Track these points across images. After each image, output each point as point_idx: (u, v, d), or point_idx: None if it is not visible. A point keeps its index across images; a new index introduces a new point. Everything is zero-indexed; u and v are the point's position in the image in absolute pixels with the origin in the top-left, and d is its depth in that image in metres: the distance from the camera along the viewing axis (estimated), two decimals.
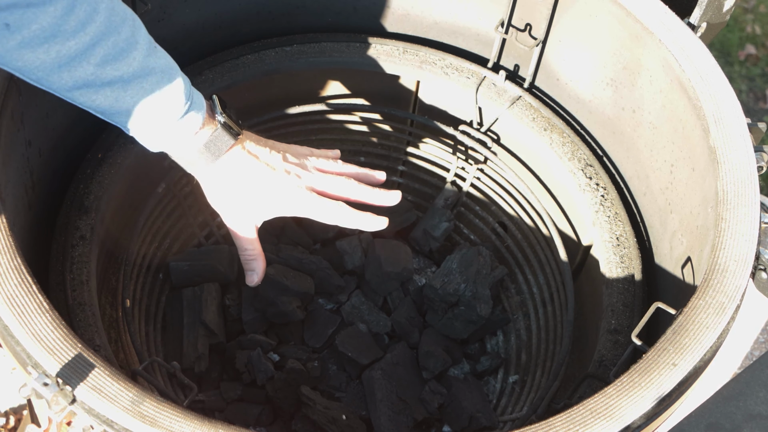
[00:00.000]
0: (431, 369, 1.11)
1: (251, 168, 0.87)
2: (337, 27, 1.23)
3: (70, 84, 0.74)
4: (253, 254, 0.94)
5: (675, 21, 0.98)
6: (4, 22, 0.68)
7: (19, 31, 0.69)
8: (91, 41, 0.72)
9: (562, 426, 0.68)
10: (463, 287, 1.12)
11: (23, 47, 0.70)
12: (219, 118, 0.84)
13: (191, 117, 0.81)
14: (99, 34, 0.73)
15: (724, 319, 0.75)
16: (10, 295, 0.71)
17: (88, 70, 0.73)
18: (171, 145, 0.83)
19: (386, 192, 0.95)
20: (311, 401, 1.05)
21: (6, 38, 0.69)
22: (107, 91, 0.75)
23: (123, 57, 0.75)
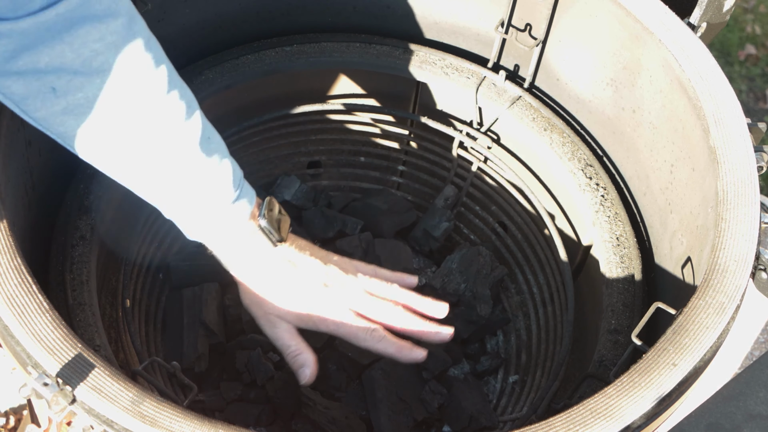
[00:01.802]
0: (431, 369, 1.11)
1: (287, 277, 0.84)
2: (337, 27, 1.23)
3: (107, 160, 0.73)
4: (296, 350, 0.89)
5: (675, 21, 0.98)
6: (51, 85, 0.68)
7: (64, 97, 0.69)
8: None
9: (562, 426, 0.68)
10: (463, 287, 1.12)
11: (66, 113, 0.70)
12: (261, 221, 0.81)
13: (237, 206, 0.78)
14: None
15: (724, 319, 0.75)
16: (10, 295, 0.71)
17: (131, 151, 0.73)
18: (209, 234, 0.80)
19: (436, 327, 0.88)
20: (311, 401, 1.05)
21: (51, 102, 0.69)
22: (149, 173, 0.74)
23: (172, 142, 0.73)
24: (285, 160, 1.27)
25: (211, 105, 1.14)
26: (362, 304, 0.87)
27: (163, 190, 0.75)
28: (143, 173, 0.74)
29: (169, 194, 0.75)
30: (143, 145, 0.72)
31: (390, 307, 0.88)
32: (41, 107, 0.69)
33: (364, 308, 0.87)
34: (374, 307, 0.87)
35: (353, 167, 1.31)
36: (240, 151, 1.21)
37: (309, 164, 1.30)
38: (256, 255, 0.82)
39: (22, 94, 0.69)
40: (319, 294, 0.85)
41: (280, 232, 0.83)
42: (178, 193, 0.75)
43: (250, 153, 1.23)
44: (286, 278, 0.84)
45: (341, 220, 1.24)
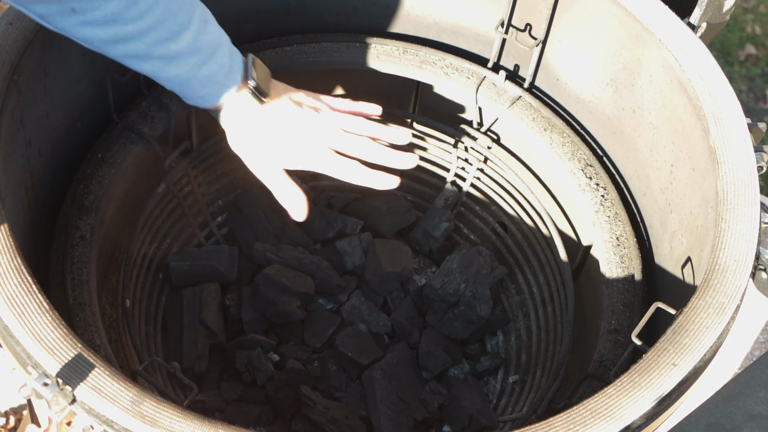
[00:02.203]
0: (431, 369, 1.11)
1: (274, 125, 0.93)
2: (337, 27, 1.23)
3: (121, 53, 0.81)
4: (288, 189, 0.96)
5: (675, 21, 0.99)
6: (71, 7, 0.75)
7: (83, 14, 0.76)
8: (147, 27, 0.79)
9: (562, 426, 0.68)
10: (463, 287, 1.12)
11: (84, 25, 0.77)
12: (250, 83, 0.90)
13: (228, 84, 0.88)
14: (156, 21, 0.80)
15: (724, 319, 0.75)
16: (10, 295, 0.71)
17: (140, 47, 0.81)
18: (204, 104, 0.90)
19: (402, 155, 0.98)
20: (311, 401, 1.05)
21: (70, 18, 0.76)
22: (155, 62, 0.83)
23: (174, 38, 0.82)
24: None
25: None
26: (339, 142, 0.96)
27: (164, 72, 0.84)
28: (149, 62, 0.83)
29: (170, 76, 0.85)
30: (151, 44, 0.81)
31: (363, 142, 0.97)
32: (61, 21, 0.77)
33: (340, 145, 0.96)
34: (349, 143, 0.96)
35: None
36: None
37: None
38: (245, 111, 0.92)
39: (44, 12, 0.76)
40: (300, 136, 0.94)
41: (267, 90, 0.93)
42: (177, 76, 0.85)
43: None
44: (272, 126, 0.93)
45: (341, 220, 1.24)
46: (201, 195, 1.20)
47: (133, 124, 1.07)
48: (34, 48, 0.90)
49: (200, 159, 1.16)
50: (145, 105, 1.09)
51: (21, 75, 0.88)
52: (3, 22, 0.90)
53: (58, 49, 0.95)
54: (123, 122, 1.07)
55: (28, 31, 0.90)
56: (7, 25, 0.89)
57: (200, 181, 1.20)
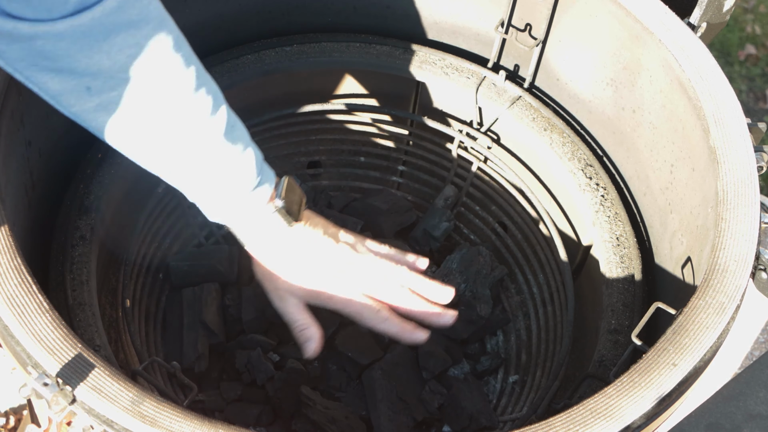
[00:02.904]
0: (431, 369, 1.11)
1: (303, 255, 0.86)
2: (337, 27, 1.23)
3: (139, 151, 0.76)
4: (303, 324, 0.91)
5: (675, 21, 0.99)
6: (86, 85, 0.70)
7: (98, 95, 0.71)
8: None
9: (562, 426, 0.68)
10: (463, 287, 1.12)
11: (100, 110, 0.72)
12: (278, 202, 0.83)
13: (258, 192, 0.81)
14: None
15: (724, 319, 0.75)
16: (10, 295, 0.71)
17: (161, 143, 0.75)
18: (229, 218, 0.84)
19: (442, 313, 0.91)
20: (311, 401, 1.05)
21: (86, 100, 0.71)
22: (177, 163, 0.77)
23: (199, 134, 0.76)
24: (285, 160, 1.27)
25: None
26: (370, 285, 0.89)
27: (188, 177, 0.78)
28: (171, 162, 0.77)
29: (195, 181, 0.79)
30: (172, 138, 0.75)
31: (396, 290, 0.90)
32: (76, 104, 0.72)
33: (371, 289, 0.89)
34: (381, 289, 0.89)
35: (353, 167, 1.31)
36: None
37: (309, 164, 1.30)
38: (271, 234, 0.85)
39: (58, 90, 0.71)
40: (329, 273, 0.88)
41: (297, 213, 0.85)
42: (202, 180, 0.78)
43: None
44: (299, 256, 0.86)
45: (341, 220, 1.24)
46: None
47: None
48: None
49: None
50: None
51: None
52: None
53: None
54: None
55: None
56: None
57: None
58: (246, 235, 0.86)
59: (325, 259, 0.88)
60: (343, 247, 0.89)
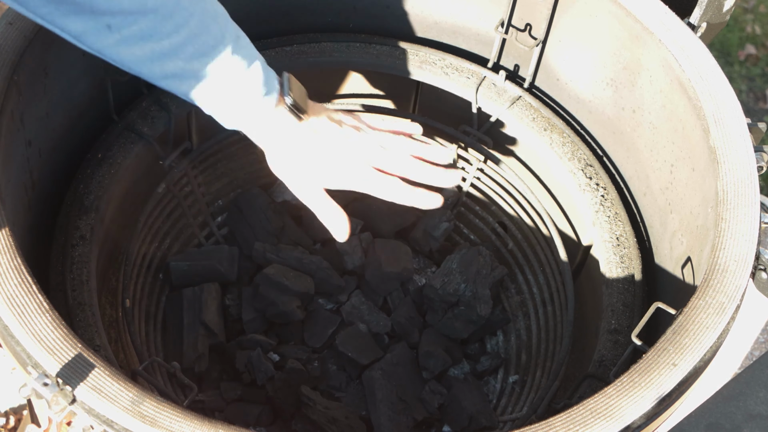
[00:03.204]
0: (431, 369, 1.11)
1: (313, 144, 0.91)
2: (337, 27, 1.23)
3: (159, 74, 0.80)
4: (330, 211, 0.95)
5: (675, 21, 0.98)
6: (106, 23, 0.74)
7: (118, 32, 0.75)
8: (183, 41, 0.78)
9: (562, 426, 0.68)
10: (463, 287, 1.12)
11: (120, 44, 0.76)
12: (287, 99, 0.88)
13: (265, 101, 0.86)
14: (191, 35, 0.79)
15: (724, 319, 0.75)
16: (10, 295, 0.71)
17: (178, 65, 0.79)
18: (245, 124, 0.88)
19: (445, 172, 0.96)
20: (311, 401, 1.05)
21: (106, 37, 0.75)
22: (192, 81, 0.82)
23: (210, 53, 0.81)
24: None
25: None
26: (380, 159, 0.93)
27: (202, 91, 0.83)
28: (187, 82, 0.82)
29: (208, 94, 0.83)
30: (188, 62, 0.80)
31: (404, 159, 0.94)
32: (97, 41, 0.75)
33: (382, 163, 0.93)
34: (391, 161, 0.94)
35: None
36: (240, 151, 1.21)
37: None
38: (284, 130, 0.89)
39: (79, 31, 0.74)
40: (341, 155, 0.92)
41: (304, 107, 0.90)
42: (216, 93, 0.83)
43: (250, 153, 1.23)
44: (312, 145, 0.91)
45: None
46: (201, 195, 1.20)
47: (133, 124, 1.07)
48: (34, 48, 0.90)
49: (200, 159, 1.16)
50: (145, 105, 1.09)
51: (21, 75, 0.88)
52: (3, 22, 0.90)
53: (58, 49, 0.95)
54: (123, 122, 1.07)
55: (28, 31, 0.90)
56: (7, 25, 0.89)
57: (200, 181, 1.20)
58: (261, 136, 0.90)
59: (336, 143, 0.92)
60: (347, 129, 0.93)
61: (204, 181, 1.21)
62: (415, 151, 0.96)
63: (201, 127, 1.14)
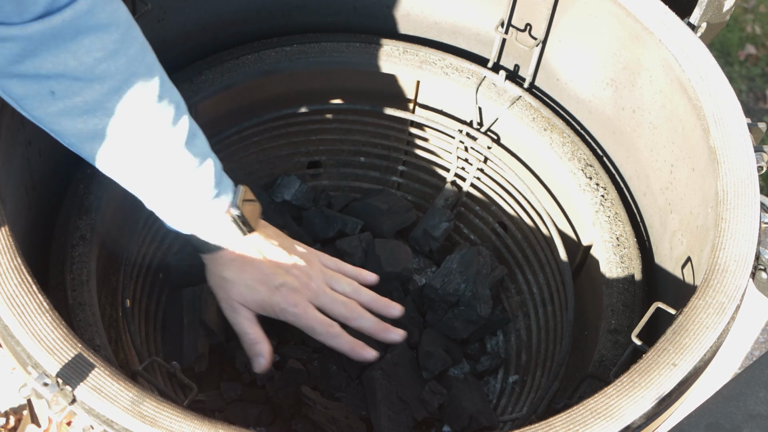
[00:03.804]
0: (431, 369, 1.11)
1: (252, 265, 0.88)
2: (337, 27, 1.23)
3: (99, 156, 0.76)
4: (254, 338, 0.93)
5: (675, 21, 0.99)
6: (51, 89, 0.70)
7: (62, 100, 0.71)
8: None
9: (562, 426, 0.68)
10: (463, 287, 1.12)
11: (63, 114, 0.72)
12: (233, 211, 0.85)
13: (216, 202, 0.83)
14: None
15: (724, 319, 0.75)
16: (10, 295, 0.71)
17: (121, 150, 0.76)
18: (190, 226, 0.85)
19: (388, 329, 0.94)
20: (311, 401, 1.05)
21: (49, 104, 0.71)
22: (138, 170, 0.78)
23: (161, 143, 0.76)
24: (285, 160, 1.27)
25: (211, 105, 1.14)
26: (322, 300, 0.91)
27: (147, 185, 0.79)
28: (130, 169, 0.77)
29: (153, 189, 0.79)
30: (133, 145, 0.75)
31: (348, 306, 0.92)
32: (38, 107, 0.72)
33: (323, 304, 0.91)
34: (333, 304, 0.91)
35: (353, 167, 1.31)
36: (240, 151, 1.21)
37: (309, 164, 1.30)
38: (226, 242, 0.86)
39: (21, 94, 0.71)
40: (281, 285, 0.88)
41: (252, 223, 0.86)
42: (161, 189, 0.79)
43: (250, 153, 1.23)
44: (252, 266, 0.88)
45: (341, 220, 1.24)
46: None
47: None
48: None
49: None
50: None
51: None
52: None
53: None
54: None
55: None
56: None
57: None
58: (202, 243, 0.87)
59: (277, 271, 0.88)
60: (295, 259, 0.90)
61: None
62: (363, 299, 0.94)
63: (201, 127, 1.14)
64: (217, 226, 0.84)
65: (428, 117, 1.22)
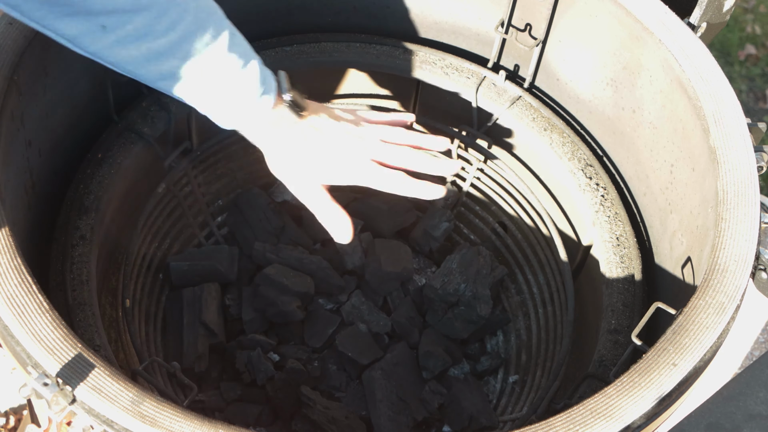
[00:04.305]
0: (431, 369, 1.11)
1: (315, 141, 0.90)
2: (337, 27, 1.23)
3: (156, 75, 0.79)
4: (333, 212, 0.93)
5: (675, 21, 0.99)
6: (101, 24, 0.73)
7: (114, 32, 0.74)
8: (178, 39, 0.77)
9: (562, 426, 0.68)
10: (463, 287, 1.12)
11: (116, 45, 0.75)
12: (286, 97, 0.87)
13: (263, 100, 0.85)
14: (186, 33, 0.77)
15: (724, 319, 0.75)
16: (10, 295, 0.71)
17: (173, 64, 0.78)
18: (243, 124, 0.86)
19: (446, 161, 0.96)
20: (311, 401, 1.05)
21: (102, 38, 0.74)
22: (188, 80, 0.80)
23: (206, 51, 0.79)
24: None
25: None
26: (381, 153, 0.92)
27: (198, 91, 0.81)
28: (183, 80, 0.80)
29: (204, 94, 0.82)
30: (183, 58, 0.79)
31: (405, 151, 0.94)
32: (93, 43, 0.74)
33: (383, 156, 0.92)
34: (392, 154, 0.93)
35: None
36: (240, 151, 1.21)
37: None
38: (283, 129, 0.88)
39: (74, 34, 0.73)
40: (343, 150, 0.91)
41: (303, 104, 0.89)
42: (212, 93, 0.82)
43: (250, 153, 1.23)
44: (313, 142, 0.90)
45: None
46: (201, 195, 1.20)
47: (133, 124, 1.07)
48: (33, 48, 0.90)
49: (200, 159, 1.16)
50: (145, 105, 1.09)
51: (21, 75, 0.88)
52: (3, 22, 0.90)
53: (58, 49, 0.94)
54: (123, 122, 1.07)
55: (28, 31, 0.90)
56: (7, 25, 0.89)
57: (200, 181, 1.20)
58: (259, 136, 0.88)
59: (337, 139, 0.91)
60: (346, 125, 0.92)
61: (204, 181, 1.21)
62: (414, 141, 0.96)
63: (201, 127, 1.14)
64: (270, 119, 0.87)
65: (428, 117, 1.22)
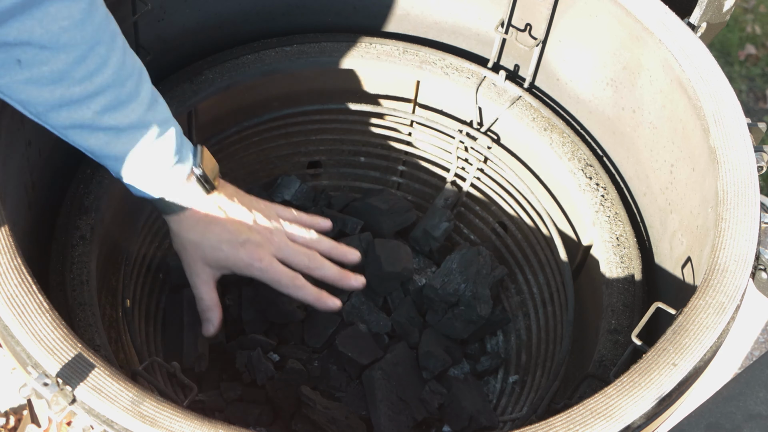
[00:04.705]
0: (431, 369, 1.11)
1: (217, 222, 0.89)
2: (337, 27, 1.23)
3: (66, 123, 0.76)
4: (209, 304, 0.95)
5: (675, 21, 0.99)
6: (17, 58, 0.70)
7: (29, 69, 0.71)
8: (95, 90, 0.75)
9: (562, 426, 0.68)
10: (463, 287, 1.12)
11: (29, 83, 0.72)
12: (197, 170, 0.86)
13: (176, 170, 0.83)
14: (104, 86, 0.75)
15: (724, 319, 0.75)
16: (10, 295, 0.71)
17: (87, 115, 0.76)
18: (153, 192, 0.85)
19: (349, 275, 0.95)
20: (311, 401, 1.05)
21: (15, 73, 0.71)
22: (101, 135, 0.78)
23: (122, 108, 0.77)
24: (285, 160, 1.27)
25: (211, 105, 1.14)
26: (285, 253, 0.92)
27: (111, 154, 0.79)
28: (94, 139, 0.78)
29: (116, 158, 0.80)
30: (96, 113, 0.76)
31: (310, 255, 0.94)
32: (4, 75, 0.72)
33: (286, 256, 0.92)
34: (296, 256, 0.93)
35: (353, 167, 1.31)
36: (240, 151, 1.21)
37: (309, 164, 1.30)
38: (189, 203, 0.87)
39: None
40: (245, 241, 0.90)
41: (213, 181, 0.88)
42: (124, 157, 0.80)
43: (250, 153, 1.23)
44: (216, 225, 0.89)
45: (341, 220, 1.24)
46: None
47: None
48: None
49: None
50: None
51: None
52: None
53: None
54: None
55: None
56: None
57: None
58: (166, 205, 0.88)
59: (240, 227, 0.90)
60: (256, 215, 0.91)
61: None
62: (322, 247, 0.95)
63: (201, 127, 1.14)
64: (181, 188, 0.86)
65: (428, 117, 1.22)
